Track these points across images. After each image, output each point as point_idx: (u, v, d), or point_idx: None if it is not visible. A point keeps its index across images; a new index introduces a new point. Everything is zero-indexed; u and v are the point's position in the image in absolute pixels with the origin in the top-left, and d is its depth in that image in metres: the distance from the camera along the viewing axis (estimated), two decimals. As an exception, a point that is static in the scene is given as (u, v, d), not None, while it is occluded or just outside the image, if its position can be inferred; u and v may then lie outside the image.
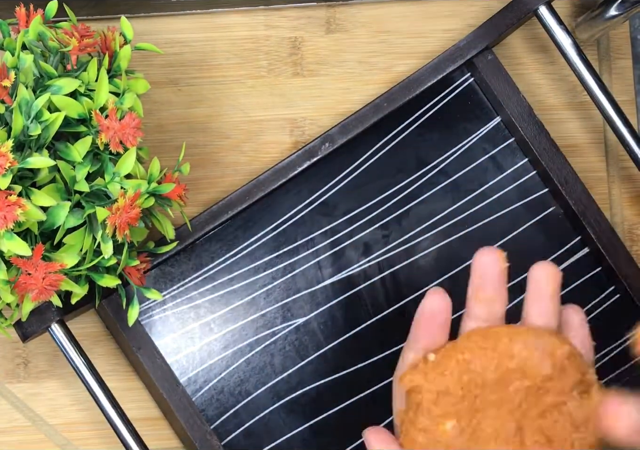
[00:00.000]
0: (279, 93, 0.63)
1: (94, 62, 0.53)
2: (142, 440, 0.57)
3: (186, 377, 0.60)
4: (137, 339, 0.58)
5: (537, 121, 0.61)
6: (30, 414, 0.61)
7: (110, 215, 0.51)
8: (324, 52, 0.63)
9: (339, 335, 0.61)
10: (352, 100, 0.63)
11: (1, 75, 0.50)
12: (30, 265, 0.50)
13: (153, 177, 0.53)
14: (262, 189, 0.59)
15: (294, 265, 0.61)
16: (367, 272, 0.61)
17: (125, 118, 0.51)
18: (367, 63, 0.63)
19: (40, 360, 0.61)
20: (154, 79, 0.62)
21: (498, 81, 0.61)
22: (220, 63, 0.63)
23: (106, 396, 0.56)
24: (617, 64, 0.65)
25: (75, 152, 0.51)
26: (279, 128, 0.63)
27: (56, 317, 0.56)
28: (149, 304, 0.60)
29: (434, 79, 0.60)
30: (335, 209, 0.62)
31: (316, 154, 0.60)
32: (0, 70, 0.50)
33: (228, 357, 0.60)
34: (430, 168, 0.62)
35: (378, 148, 0.62)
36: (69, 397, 0.61)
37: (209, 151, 0.62)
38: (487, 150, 0.62)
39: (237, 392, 0.60)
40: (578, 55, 0.60)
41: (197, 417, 0.58)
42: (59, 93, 0.51)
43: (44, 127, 0.50)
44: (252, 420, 0.60)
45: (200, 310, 0.60)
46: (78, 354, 0.57)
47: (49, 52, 0.53)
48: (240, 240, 0.61)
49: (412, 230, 0.62)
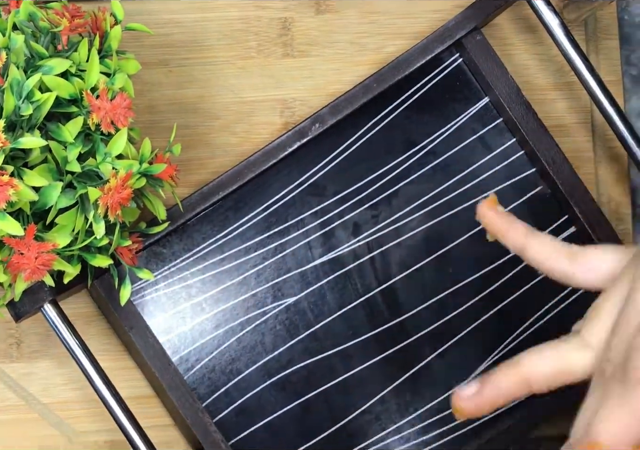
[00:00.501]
0: (269, 74, 0.63)
1: (84, 43, 0.53)
2: (134, 418, 0.57)
3: (178, 356, 0.60)
4: (129, 318, 0.59)
5: (524, 101, 0.61)
6: (23, 393, 0.61)
7: (102, 196, 0.51)
8: (314, 32, 0.63)
9: (329, 314, 0.61)
10: (343, 81, 0.63)
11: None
12: (22, 245, 0.50)
13: (144, 157, 0.53)
14: (253, 169, 0.60)
15: (284, 246, 0.61)
16: (357, 251, 0.62)
17: (116, 98, 0.51)
18: (358, 44, 0.63)
19: (33, 340, 0.61)
20: (145, 59, 0.62)
21: (486, 62, 0.61)
22: (210, 44, 0.63)
23: (99, 375, 0.57)
24: (605, 45, 0.65)
25: (66, 132, 0.52)
26: (270, 109, 0.63)
27: (49, 297, 0.57)
28: (141, 284, 0.60)
29: (423, 60, 0.60)
30: (325, 190, 0.62)
31: (306, 134, 0.60)
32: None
33: (219, 336, 0.61)
34: (419, 148, 0.62)
35: (368, 129, 0.62)
36: (62, 376, 0.61)
37: (200, 132, 0.62)
38: (475, 130, 0.63)
39: (229, 370, 0.60)
40: (565, 35, 0.60)
41: (188, 396, 0.59)
42: (50, 73, 0.51)
43: (35, 107, 0.50)
44: (243, 398, 0.60)
45: (192, 290, 0.61)
46: (71, 334, 0.57)
47: (40, 32, 0.53)
48: (231, 221, 0.61)
49: (401, 210, 0.62)
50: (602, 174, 0.65)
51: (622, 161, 0.65)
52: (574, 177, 0.61)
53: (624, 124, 0.60)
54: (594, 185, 0.64)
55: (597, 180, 0.65)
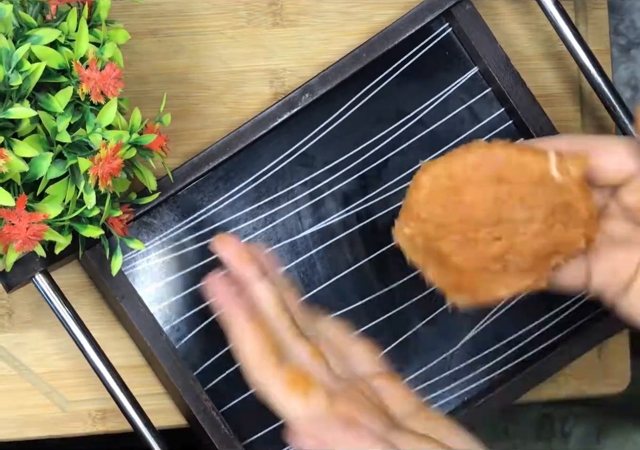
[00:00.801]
0: (259, 44, 0.63)
1: (73, 12, 0.53)
2: (126, 387, 0.57)
3: (169, 325, 0.61)
4: (121, 288, 0.59)
5: (513, 71, 0.61)
6: (15, 363, 0.61)
7: (92, 166, 0.51)
8: (304, 2, 0.63)
9: (318, 283, 0.62)
10: (333, 51, 0.63)
11: (-19, 26, 0.50)
12: (13, 216, 0.50)
13: (134, 128, 0.53)
14: (243, 140, 0.60)
15: (274, 216, 0.62)
16: (347, 222, 0.62)
17: (105, 68, 0.51)
18: (347, 13, 0.63)
19: (25, 310, 0.62)
20: (134, 29, 0.61)
21: (476, 31, 0.61)
22: (199, 13, 0.62)
23: (91, 345, 0.57)
24: (593, 14, 0.65)
25: (56, 102, 0.51)
26: (259, 79, 0.63)
27: (40, 267, 0.57)
28: (132, 254, 0.60)
29: (413, 29, 0.60)
30: (315, 160, 0.62)
31: (296, 105, 0.60)
32: (-20, 21, 0.50)
33: (210, 306, 0.61)
34: (408, 119, 0.63)
35: (357, 99, 0.62)
36: (54, 346, 0.61)
37: (190, 102, 0.62)
38: (464, 100, 0.63)
39: (219, 339, 0.61)
40: (554, 4, 0.60)
41: (180, 364, 0.59)
42: (39, 43, 0.51)
43: (24, 77, 0.50)
44: (233, 367, 0.61)
45: (183, 261, 0.61)
46: (62, 304, 0.57)
47: (29, 2, 0.53)
48: (222, 192, 0.61)
49: (391, 180, 0.62)
50: (590, 144, 0.65)
51: (609, 130, 0.65)
52: (562, 147, 0.62)
53: (612, 93, 0.60)
54: (582, 155, 0.65)
55: (585, 150, 0.65)
